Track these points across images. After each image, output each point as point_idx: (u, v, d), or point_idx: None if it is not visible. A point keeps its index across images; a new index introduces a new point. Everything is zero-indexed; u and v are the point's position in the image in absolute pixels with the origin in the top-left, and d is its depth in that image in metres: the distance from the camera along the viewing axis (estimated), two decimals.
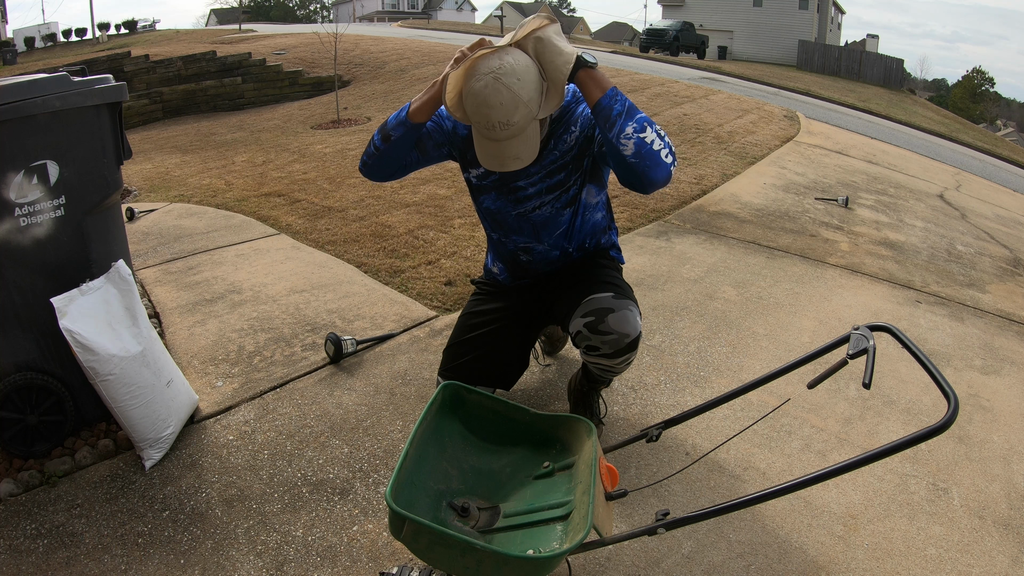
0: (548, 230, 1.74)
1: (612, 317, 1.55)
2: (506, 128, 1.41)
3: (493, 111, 1.39)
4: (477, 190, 1.77)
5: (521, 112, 1.41)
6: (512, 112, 1.40)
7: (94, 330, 1.61)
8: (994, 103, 50.32)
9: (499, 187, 1.71)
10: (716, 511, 1.13)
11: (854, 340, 1.20)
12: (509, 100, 1.38)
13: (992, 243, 4.56)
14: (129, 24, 21.69)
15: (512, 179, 1.68)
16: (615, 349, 1.57)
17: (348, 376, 2.21)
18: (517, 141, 1.44)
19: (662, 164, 1.41)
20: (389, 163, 1.69)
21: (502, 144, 1.45)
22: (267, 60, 11.63)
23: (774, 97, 11.18)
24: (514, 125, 1.41)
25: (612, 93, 1.43)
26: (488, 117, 1.40)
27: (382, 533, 1.56)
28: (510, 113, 1.40)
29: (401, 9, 48.58)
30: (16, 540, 1.49)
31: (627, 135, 1.40)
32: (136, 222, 3.84)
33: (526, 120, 1.42)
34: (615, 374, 1.74)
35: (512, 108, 1.39)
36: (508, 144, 1.45)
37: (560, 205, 1.70)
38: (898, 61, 28.98)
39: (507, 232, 1.78)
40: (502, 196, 1.72)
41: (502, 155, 1.46)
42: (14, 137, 1.53)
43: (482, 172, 1.71)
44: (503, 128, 1.41)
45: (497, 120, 1.40)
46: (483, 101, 1.39)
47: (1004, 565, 1.58)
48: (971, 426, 2.16)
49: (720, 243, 3.65)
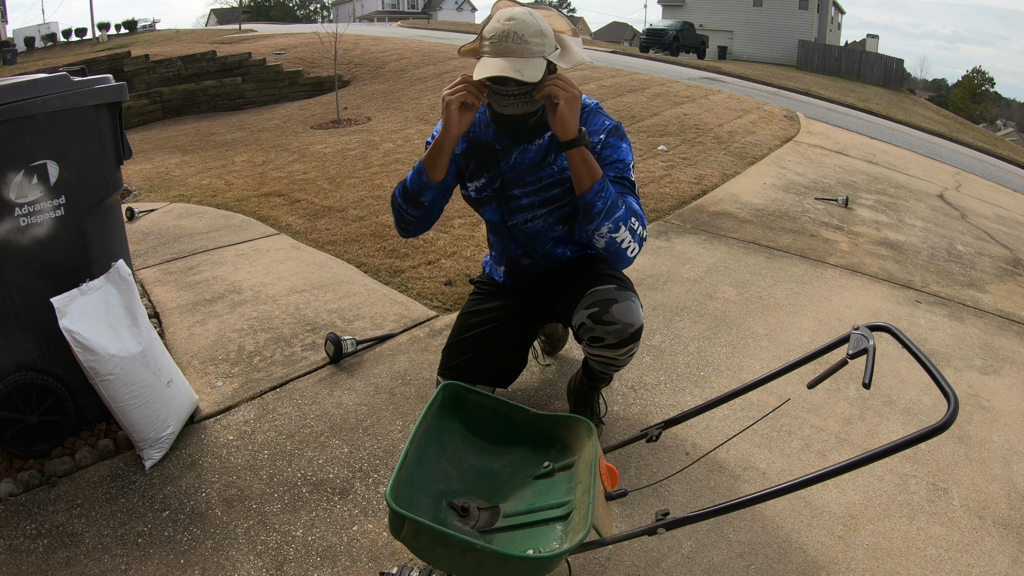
0: (540, 241, 1.77)
1: (616, 307, 1.56)
2: (519, 43, 1.42)
3: (513, 23, 1.43)
4: (477, 203, 1.78)
5: (538, 41, 1.44)
6: (530, 30, 1.43)
7: (94, 330, 1.60)
8: (994, 103, 50.32)
9: (498, 196, 1.72)
10: (716, 511, 1.13)
11: (854, 340, 1.20)
12: (532, 23, 1.44)
13: (992, 243, 4.56)
14: (129, 24, 21.69)
15: (510, 187, 1.69)
16: (619, 339, 1.58)
17: (348, 376, 2.21)
18: (522, 60, 1.44)
19: (624, 260, 1.58)
20: (432, 218, 1.73)
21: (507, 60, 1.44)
22: (267, 60, 11.62)
23: (774, 97, 11.19)
24: (527, 44, 1.43)
25: (599, 187, 1.49)
26: (507, 28, 1.43)
27: (382, 533, 1.56)
28: (528, 30, 1.43)
29: (401, 9, 48.57)
30: (16, 540, 1.49)
31: (601, 234, 1.52)
32: (136, 222, 3.84)
33: (539, 49, 1.44)
34: (616, 368, 1.74)
35: (533, 29, 1.43)
36: (513, 60, 1.44)
37: (553, 220, 1.72)
38: (898, 61, 28.99)
39: (506, 240, 1.81)
40: (501, 206, 1.74)
41: (503, 67, 1.44)
42: (14, 137, 1.53)
43: (482, 183, 1.72)
44: (516, 42, 1.42)
45: (514, 31, 1.42)
46: (508, 15, 1.44)
47: (1004, 565, 1.58)
48: (971, 426, 2.16)
49: (720, 243, 3.65)
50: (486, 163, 1.71)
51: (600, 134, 1.63)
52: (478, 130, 1.70)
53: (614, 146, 1.63)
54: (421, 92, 8.88)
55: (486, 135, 1.69)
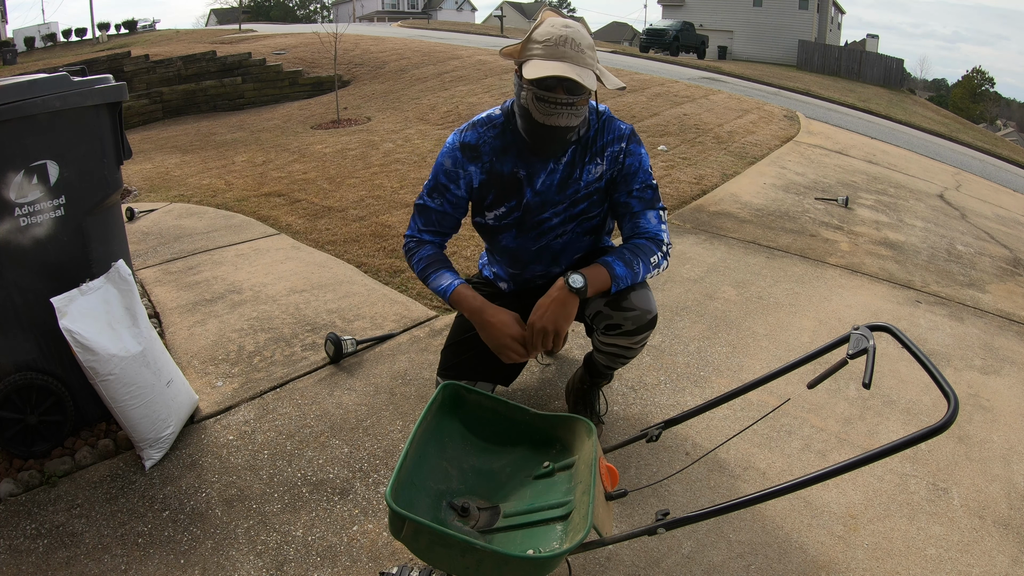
0: (567, 254, 1.74)
1: (634, 294, 1.56)
2: (576, 50, 1.42)
3: (572, 31, 1.42)
4: (495, 231, 1.73)
5: (591, 54, 1.44)
6: (587, 44, 1.43)
7: (94, 330, 1.60)
8: (994, 103, 50.33)
9: (519, 224, 1.68)
10: (716, 511, 1.13)
11: (854, 340, 1.20)
12: (586, 35, 1.45)
13: (992, 243, 4.56)
14: (129, 24, 21.69)
15: (536, 212, 1.65)
16: (637, 325, 1.58)
17: (348, 376, 2.21)
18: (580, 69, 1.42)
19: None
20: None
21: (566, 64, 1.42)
22: (267, 60, 11.63)
23: (774, 97, 11.19)
24: (583, 54, 1.42)
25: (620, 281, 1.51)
26: (564, 34, 1.42)
27: (382, 533, 1.56)
28: (585, 42, 1.43)
29: (401, 9, 48.58)
30: (16, 540, 1.49)
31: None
32: (136, 222, 3.84)
33: (591, 62, 1.44)
34: (625, 360, 1.73)
35: (587, 41, 1.44)
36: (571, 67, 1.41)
37: (581, 231, 1.71)
38: (898, 61, 29.00)
39: (525, 265, 1.77)
40: (523, 233, 1.70)
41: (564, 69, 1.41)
42: (14, 137, 1.53)
43: (502, 212, 1.67)
44: (574, 48, 1.42)
45: (572, 38, 1.41)
46: (563, 23, 1.44)
47: (1004, 565, 1.58)
48: (971, 426, 2.16)
49: (720, 243, 3.65)
50: (508, 192, 1.65)
51: (621, 142, 1.61)
52: (493, 160, 1.63)
53: (635, 153, 1.62)
54: (421, 92, 8.88)
55: (504, 163, 1.63)
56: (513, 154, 1.62)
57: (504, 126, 1.62)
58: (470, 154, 1.63)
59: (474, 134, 1.63)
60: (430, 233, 1.70)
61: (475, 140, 1.62)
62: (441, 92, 8.65)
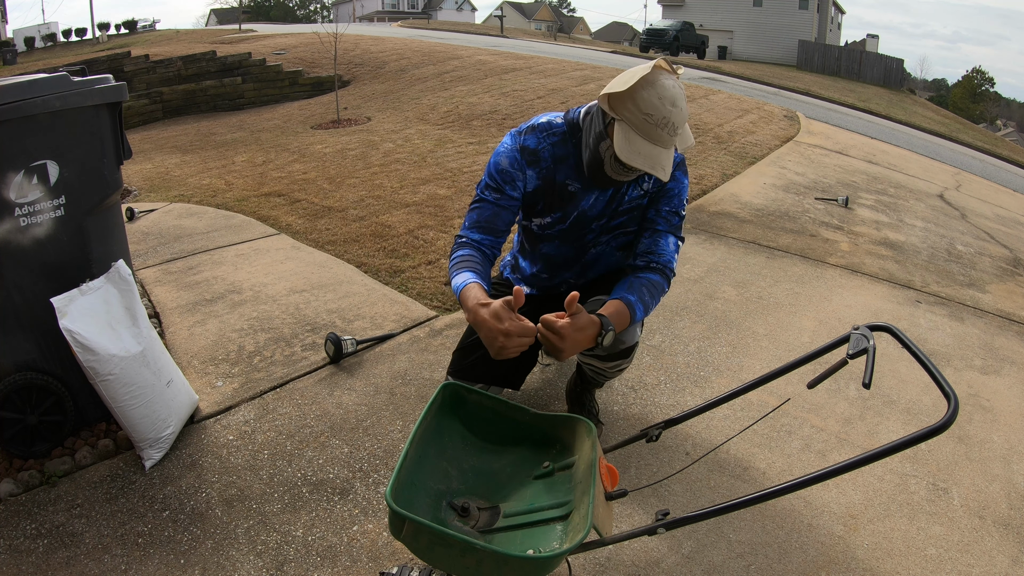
0: (598, 267, 1.76)
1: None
2: (673, 134, 1.37)
3: (676, 111, 1.36)
4: (537, 237, 1.74)
5: (684, 129, 1.41)
6: (683, 122, 1.39)
7: (94, 330, 1.60)
8: (994, 103, 50.34)
9: (563, 235, 1.69)
10: (716, 511, 1.13)
11: (854, 340, 1.20)
12: (686, 110, 1.40)
13: (992, 243, 4.56)
14: (129, 24, 21.69)
15: (587, 224, 1.66)
16: (609, 352, 1.61)
17: (348, 376, 2.21)
18: (667, 153, 1.40)
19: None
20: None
21: (657, 148, 1.39)
22: (267, 60, 11.63)
23: (774, 97, 11.18)
24: (677, 136, 1.39)
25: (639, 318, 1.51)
26: (670, 115, 1.35)
27: (382, 533, 1.56)
28: (682, 122, 1.38)
29: (401, 9, 48.58)
30: (16, 540, 1.49)
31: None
32: (136, 222, 3.84)
33: (679, 140, 1.41)
34: (606, 378, 1.78)
35: (685, 118, 1.39)
36: (661, 151, 1.39)
37: (616, 245, 1.72)
38: (898, 61, 29.00)
39: (557, 272, 1.78)
40: (566, 243, 1.70)
41: (655, 159, 1.39)
42: (14, 137, 1.53)
43: (547, 222, 1.67)
44: (671, 133, 1.37)
45: (674, 120, 1.36)
46: (672, 98, 1.36)
47: (1004, 565, 1.58)
48: (971, 426, 2.16)
49: (720, 243, 3.65)
50: (557, 203, 1.64)
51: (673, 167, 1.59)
52: (548, 167, 1.61)
53: (678, 180, 1.64)
54: (421, 92, 8.88)
55: (558, 173, 1.61)
56: (570, 166, 1.60)
57: (566, 136, 1.60)
58: (529, 157, 1.60)
59: (534, 139, 1.60)
60: (480, 231, 1.60)
61: (535, 145, 1.60)
62: (441, 92, 8.65)
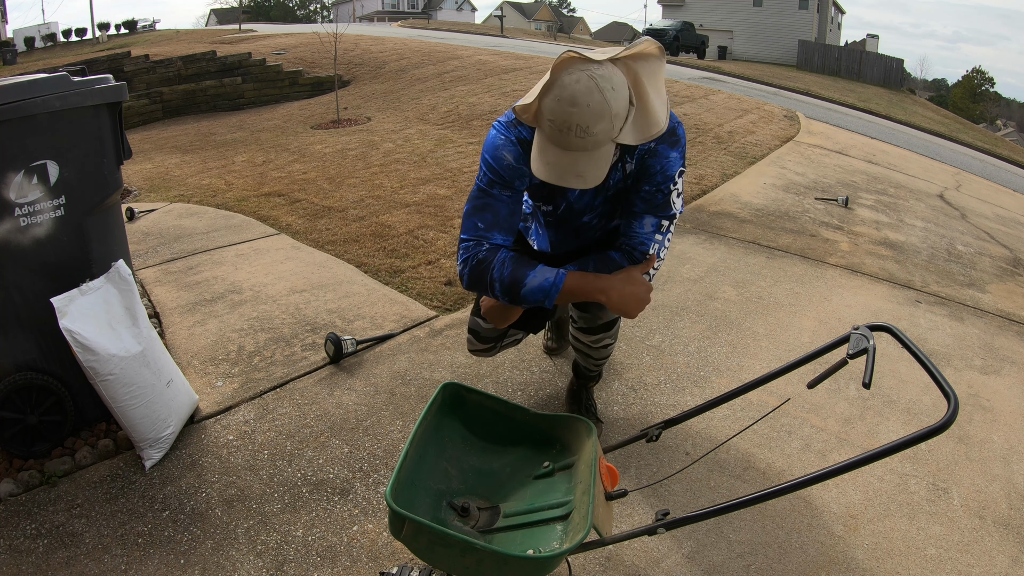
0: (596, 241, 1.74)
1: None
2: (582, 136, 1.25)
3: (578, 111, 1.23)
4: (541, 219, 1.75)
5: (604, 125, 1.25)
6: (596, 120, 1.24)
7: (94, 330, 1.60)
8: (994, 103, 50.35)
9: (561, 222, 1.67)
10: (716, 511, 1.13)
11: (854, 340, 1.20)
12: (598, 105, 1.23)
13: (992, 243, 4.56)
14: (129, 24, 21.70)
15: (579, 215, 1.63)
16: (590, 325, 1.70)
17: (348, 376, 2.21)
18: (587, 157, 1.28)
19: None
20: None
21: (570, 155, 1.28)
22: (267, 60, 11.63)
23: (774, 97, 11.19)
24: (591, 136, 1.25)
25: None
26: (570, 117, 1.23)
27: (382, 533, 1.56)
28: (594, 120, 1.23)
29: (401, 9, 48.58)
30: (16, 540, 1.49)
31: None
32: (136, 222, 3.84)
33: (605, 136, 1.27)
34: (595, 361, 1.84)
35: (598, 115, 1.23)
36: (576, 157, 1.28)
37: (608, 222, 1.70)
38: (898, 61, 29.01)
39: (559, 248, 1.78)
40: (564, 228, 1.70)
41: (565, 168, 1.29)
42: (14, 137, 1.53)
43: (549, 209, 1.63)
44: (579, 135, 1.25)
45: (577, 123, 1.23)
46: (571, 97, 1.22)
47: (1004, 565, 1.58)
48: (971, 426, 2.16)
49: (720, 243, 3.65)
50: (554, 195, 1.61)
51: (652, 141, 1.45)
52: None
53: (661, 155, 1.46)
54: (421, 92, 8.88)
55: None
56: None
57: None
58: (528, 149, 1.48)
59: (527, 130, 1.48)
60: (502, 232, 1.48)
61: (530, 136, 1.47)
62: (441, 92, 8.65)
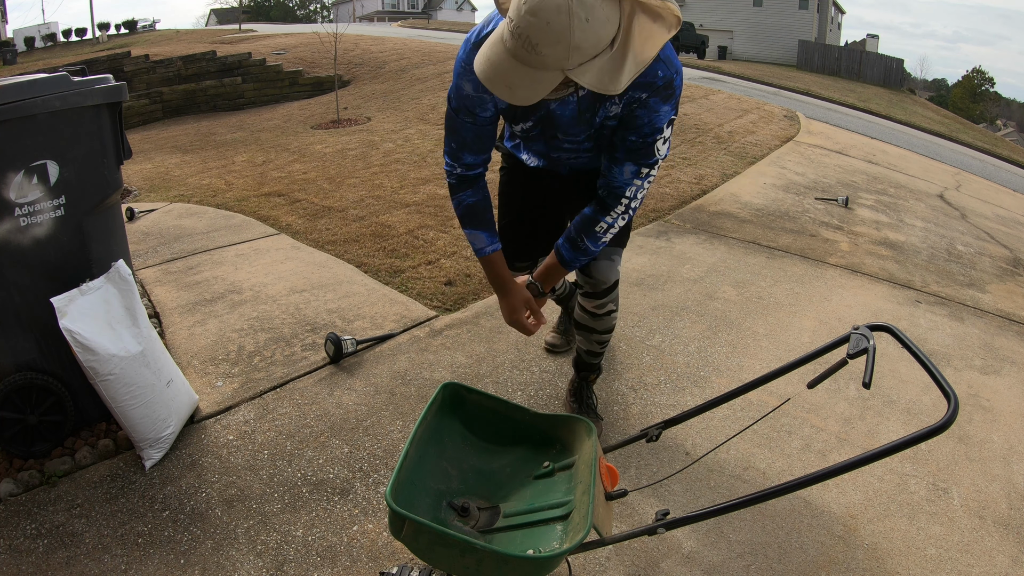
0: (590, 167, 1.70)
1: (597, 265, 1.73)
2: (528, 51, 1.09)
3: (535, 23, 1.06)
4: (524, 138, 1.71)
5: (556, 51, 1.07)
6: (551, 42, 1.06)
7: (94, 330, 1.60)
8: (994, 103, 50.33)
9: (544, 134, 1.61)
10: (716, 511, 1.13)
11: (854, 340, 1.20)
12: (559, 27, 1.05)
13: (992, 243, 4.56)
14: (129, 24, 21.71)
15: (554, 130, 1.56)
16: (595, 290, 1.77)
17: (348, 376, 2.21)
18: (525, 72, 1.12)
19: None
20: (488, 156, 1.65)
21: (511, 62, 1.13)
22: (267, 60, 11.63)
23: (774, 97, 11.19)
24: (538, 55, 1.09)
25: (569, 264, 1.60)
26: (526, 26, 1.07)
27: (382, 533, 1.56)
28: (547, 41, 1.06)
29: (401, 9, 48.58)
30: (16, 540, 1.49)
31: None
32: (136, 222, 3.84)
33: (554, 63, 1.10)
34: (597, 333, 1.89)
35: (554, 38, 1.06)
36: (515, 67, 1.12)
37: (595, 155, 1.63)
38: (898, 61, 29.01)
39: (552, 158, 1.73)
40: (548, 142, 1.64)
41: (499, 72, 1.14)
42: (14, 137, 1.53)
43: (528, 126, 1.58)
44: (526, 48, 1.08)
45: (529, 35, 1.07)
46: (536, 6, 1.05)
47: (1004, 565, 1.58)
48: (971, 426, 2.16)
49: (720, 243, 3.65)
50: (528, 111, 1.52)
51: (645, 91, 1.35)
52: None
53: (652, 108, 1.38)
54: (421, 92, 8.88)
55: None
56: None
57: None
58: None
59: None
60: (469, 152, 1.55)
61: None
62: (441, 92, 8.65)
